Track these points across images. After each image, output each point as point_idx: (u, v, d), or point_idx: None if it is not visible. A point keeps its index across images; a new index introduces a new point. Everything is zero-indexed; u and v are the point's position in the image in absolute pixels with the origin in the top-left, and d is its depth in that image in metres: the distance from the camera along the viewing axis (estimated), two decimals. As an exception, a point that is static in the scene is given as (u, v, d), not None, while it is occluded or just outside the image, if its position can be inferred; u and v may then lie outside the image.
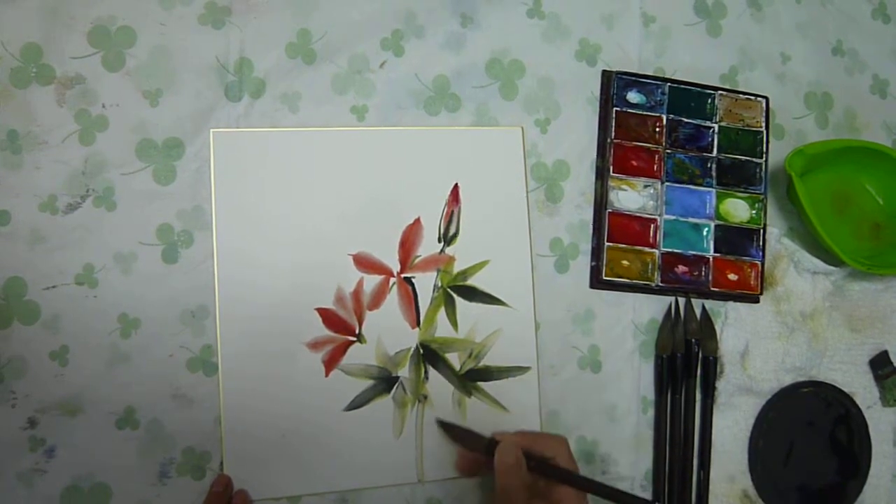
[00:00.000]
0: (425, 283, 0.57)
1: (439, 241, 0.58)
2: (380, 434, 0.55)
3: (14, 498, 0.50)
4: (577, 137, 0.62)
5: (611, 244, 0.60)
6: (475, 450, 0.51)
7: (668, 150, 0.63)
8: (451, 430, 0.52)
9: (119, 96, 0.54)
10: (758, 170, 0.64)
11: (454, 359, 0.57)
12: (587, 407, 0.59)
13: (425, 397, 0.56)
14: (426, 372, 0.56)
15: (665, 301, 0.62)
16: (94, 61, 0.54)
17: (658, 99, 0.63)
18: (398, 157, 0.58)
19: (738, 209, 0.63)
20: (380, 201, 0.57)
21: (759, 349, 0.62)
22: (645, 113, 0.63)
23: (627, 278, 0.60)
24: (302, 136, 0.56)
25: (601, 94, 0.63)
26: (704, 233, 0.62)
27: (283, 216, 0.55)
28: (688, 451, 0.60)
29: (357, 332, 0.55)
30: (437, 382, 0.56)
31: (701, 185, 0.63)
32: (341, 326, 0.55)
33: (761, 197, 0.64)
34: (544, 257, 0.60)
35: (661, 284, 0.61)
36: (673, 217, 0.62)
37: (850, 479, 0.63)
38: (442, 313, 0.57)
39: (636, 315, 0.61)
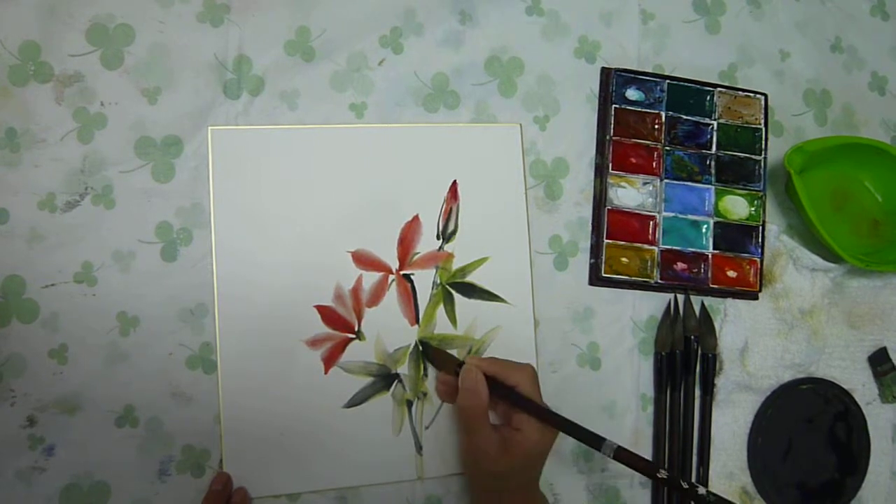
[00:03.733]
0: (424, 280, 0.57)
1: (438, 238, 0.58)
2: (379, 431, 0.55)
3: (13, 496, 0.50)
4: (576, 135, 0.62)
5: (610, 241, 0.60)
6: (448, 372, 0.53)
7: (668, 148, 0.63)
8: (430, 352, 0.56)
9: (117, 94, 0.54)
10: (757, 167, 0.64)
11: (454, 356, 0.57)
12: (586, 404, 0.60)
13: (424, 394, 0.56)
14: (425, 369, 0.56)
15: (664, 298, 0.62)
16: (93, 59, 0.54)
17: (657, 96, 0.63)
18: (397, 154, 0.58)
19: (737, 206, 0.63)
20: (378, 198, 0.57)
21: (759, 346, 0.62)
22: (644, 110, 0.63)
23: (626, 275, 0.60)
24: (301, 133, 0.56)
25: (600, 91, 0.63)
26: (703, 230, 0.62)
27: (281, 214, 0.55)
28: (687, 448, 0.60)
29: (356, 329, 0.55)
30: (436, 379, 0.56)
31: (700, 182, 0.63)
32: (340, 324, 0.55)
33: (760, 194, 0.64)
34: (543, 254, 0.60)
35: (660, 281, 0.61)
36: (672, 214, 0.62)
37: (849, 475, 0.63)
38: (441, 310, 0.57)
39: (635, 312, 0.61)
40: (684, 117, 0.63)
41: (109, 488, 0.51)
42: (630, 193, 0.62)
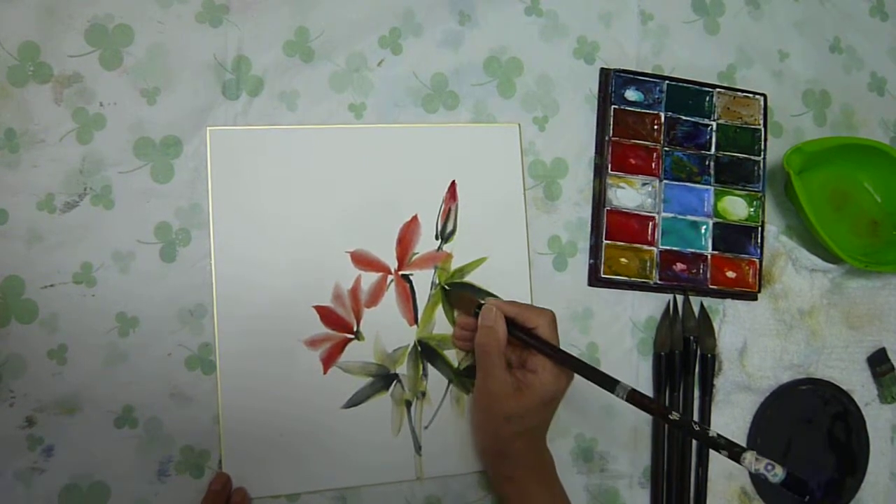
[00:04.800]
0: (423, 281, 0.57)
1: (437, 238, 0.58)
2: (378, 431, 0.55)
3: (13, 497, 0.50)
4: (575, 135, 0.62)
5: (609, 242, 0.60)
6: (468, 312, 0.54)
7: (667, 148, 0.63)
8: (451, 295, 0.56)
9: (117, 95, 0.54)
10: (756, 167, 0.64)
11: (452, 355, 0.57)
12: (585, 404, 0.60)
13: (423, 394, 0.56)
14: (424, 369, 0.56)
15: (663, 299, 0.62)
16: (92, 60, 0.54)
17: (656, 97, 0.63)
18: (396, 154, 0.58)
19: (736, 207, 0.63)
20: (377, 199, 0.57)
21: (758, 346, 0.62)
22: (643, 111, 0.63)
23: (626, 276, 0.60)
24: (300, 134, 0.56)
25: (599, 91, 0.63)
26: (703, 230, 0.62)
27: (280, 214, 0.55)
28: (686, 449, 0.60)
29: (355, 329, 0.56)
30: (435, 379, 0.56)
31: (699, 182, 0.63)
32: (339, 324, 0.55)
33: (759, 194, 0.64)
34: (542, 255, 0.60)
35: (659, 282, 0.61)
36: (671, 215, 0.62)
37: (848, 476, 0.63)
38: (440, 310, 0.57)
39: (634, 313, 0.61)
40: (683, 118, 0.63)
41: (109, 489, 0.51)
42: (629, 194, 0.62)
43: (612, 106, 0.62)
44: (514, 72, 0.61)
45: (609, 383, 0.48)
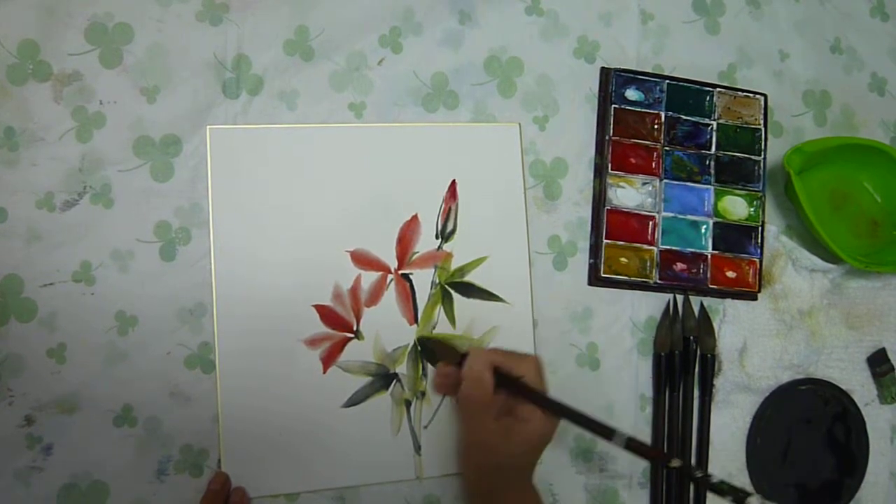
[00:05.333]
0: (423, 280, 0.57)
1: (437, 237, 0.58)
2: (378, 431, 0.55)
3: (11, 496, 0.50)
4: (575, 135, 0.62)
5: (609, 241, 0.60)
6: (451, 363, 0.51)
7: (667, 148, 0.63)
8: (431, 345, 0.55)
9: (116, 93, 0.54)
10: (756, 167, 0.64)
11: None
12: (585, 404, 0.58)
13: (423, 394, 0.56)
14: (424, 368, 0.56)
15: (663, 298, 0.62)
16: (92, 58, 0.54)
17: (656, 96, 0.63)
18: (396, 154, 0.58)
19: (736, 206, 0.63)
20: (377, 198, 0.57)
21: (757, 347, 0.62)
22: (643, 110, 0.63)
23: (626, 276, 0.60)
24: (300, 133, 0.56)
25: (599, 91, 0.63)
26: (703, 230, 0.62)
27: (280, 213, 0.55)
28: (686, 449, 0.60)
29: (355, 328, 0.55)
30: (433, 373, 0.56)
31: (699, 182, 0.63)
32: (339, 323, 0.55)
33: (759, 194, 0.64)
34: (542, 254, 0.60)
35: (659, 282, 0.61)
36: (671, 214, 0.62)
37: (848, 476, 0.63)
38: (440, 310, 0.57)
39: (634, 312, 0.61)
40: (684, 117, 0.63)
41: (108, 488, 0.51)
42: (629, 193, 0.61)
43: (613, 105, 0.62)
44: (514, 71, 0.61)
45: (606, 432, 0.47)
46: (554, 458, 0.58)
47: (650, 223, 0.61)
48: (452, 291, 0.57)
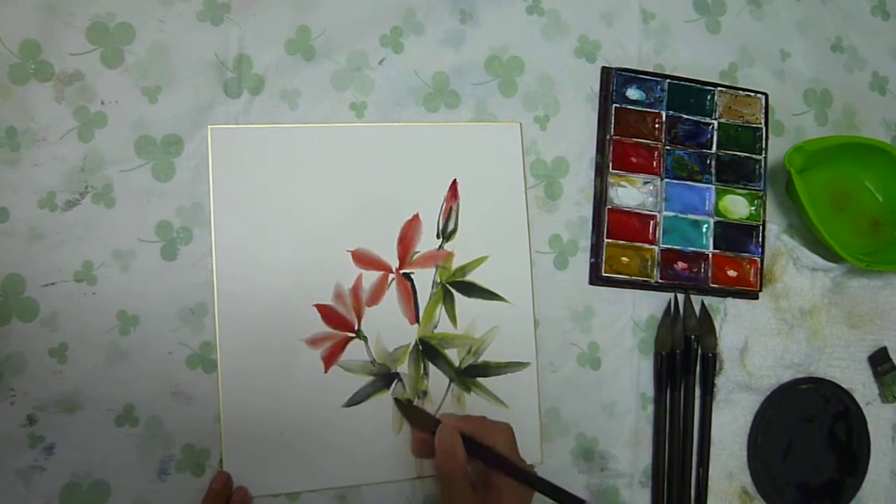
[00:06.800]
0: (424, 279, 0.57)
1: (438, 237, 0.58)
2: (379, 430, 0.55)
3: (13, 495, 0.50)
4: (576, 134, 0.62)
5: (610, 241, 0.60)
6: (424, 430, 0.52)
7: (668, 147, 0.63)
8: (404, 409, 0.54)
9: (118, 93, 0.54)
10: (757, 166, 0.64)
11: (453, 354, 0.57)
12: (586, 404, 0.60)
13: (425, 393, 0.56)
14: (425, 368, 0.56)
15: (664, 298, 0.62)
16: (93, 58, 0.54)
17: (657, 95, 0.63)
18: (397, 153, 0.58)
19: (737, 206, 0.63)
20: (378, 197, 0.57)
21: (759, 346, 0.62)
22: (644, 109, 0.63)
23: (627, 275, 0.60)
24: (301, 132, 0.56)
25: (600, 90, 0.63)
26: (704, 229, 0.62)
27: (281, 213, 0.55)
28: (687, 448, 0.60)
29: (356, 328, 0.55)
30: (436, 378, 0.56)
31: (700, 181, 0.63)
32: (340, 323, 0.55)
33: (761, 193, 0.64)
34: (543, 254, 0.60)
35: (660, 281, 0.61)
36: (672, 214, 0.62)
37: (849, 475, 0.63)
38: (441, 309, 0.57)
39: (635, 312, 0.61)
40: (685, 117, 0.63)
41: (109, 487, 0.51)
42: (630, 193, 0.62)
43: (614, 105, 0.62)
44: (515, 71, 0.61)
45: (574, 503, 0.47)
46: (555, 458, 0.58)
47: (651, 222, 0.61)
48: (454, 291, 0.57)
